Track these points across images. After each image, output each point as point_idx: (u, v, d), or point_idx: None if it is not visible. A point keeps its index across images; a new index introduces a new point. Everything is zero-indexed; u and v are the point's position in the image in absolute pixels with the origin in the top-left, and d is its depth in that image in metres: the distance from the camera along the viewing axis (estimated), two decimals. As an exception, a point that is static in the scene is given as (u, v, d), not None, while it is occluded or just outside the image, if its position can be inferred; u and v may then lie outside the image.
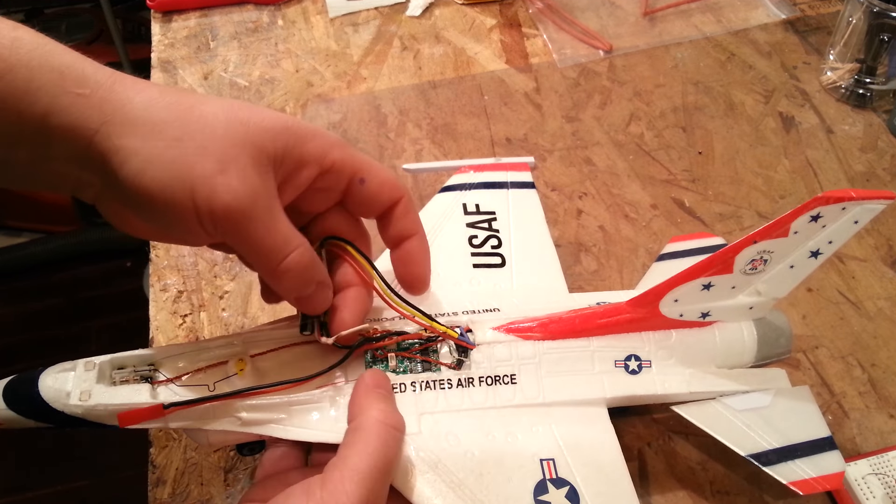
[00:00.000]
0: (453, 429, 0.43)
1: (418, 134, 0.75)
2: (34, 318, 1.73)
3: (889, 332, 0.59)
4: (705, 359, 0.48)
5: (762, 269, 0.45)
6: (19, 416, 0.40)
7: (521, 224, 0.56)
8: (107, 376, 0.41)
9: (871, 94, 0.75)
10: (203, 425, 0.41)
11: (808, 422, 0.48)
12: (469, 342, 0.45)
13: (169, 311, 0.63)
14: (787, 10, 0.85)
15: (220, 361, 0.42)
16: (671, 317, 0.47)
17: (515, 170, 0.59)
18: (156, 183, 0.36)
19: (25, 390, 0.40)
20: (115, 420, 0.40)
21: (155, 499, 0.53)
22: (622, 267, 0.64)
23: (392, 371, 0.44)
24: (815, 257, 0.45)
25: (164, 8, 0.88)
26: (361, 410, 0.39)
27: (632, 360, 0.47)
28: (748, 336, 0.49)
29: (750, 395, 0.48)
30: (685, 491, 0.52)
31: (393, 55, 0.83)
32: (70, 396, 0.40)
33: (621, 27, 0.85)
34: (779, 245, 0.44)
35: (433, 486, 0.40)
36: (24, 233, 1.80)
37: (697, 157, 0.72)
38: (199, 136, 0.36)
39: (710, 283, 0.45)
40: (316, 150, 0.40)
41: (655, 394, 0.47)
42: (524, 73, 0.81)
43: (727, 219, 0.67)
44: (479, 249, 0.54)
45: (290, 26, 0.87)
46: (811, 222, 0.42)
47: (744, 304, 0.47)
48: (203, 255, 0.67)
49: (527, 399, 0.45)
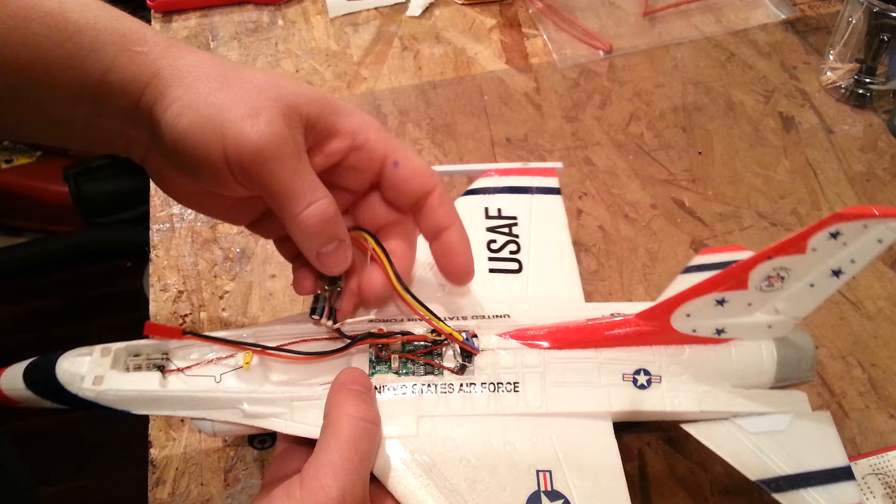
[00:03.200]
0: (451, 433, 0.43)
1: (418, 134, 0.75)
2: (34, 318, 1.73)
3: (889, 332, 0.59)
4: (720, 377, 0.46)
5: (780, 286, 0.43)
6: (37, 397, 0.43)
7: (543, 230, 0.55)
8: (121, 362, 0.43)
9: (871, 94, 0.75)
10: (208, 415, 0.43)
11: (826, 449, 0.45)
12: (473, 347, 0.44)
13: (169, 311, 0.63)
14: (787, 10, 0.85)
15: (228, 355, 0.43)
16: (683, 332, 0.45)
17: (542, 175, 0.58)
18: (190, 126, 0.37)
19: (44, 372, 0.42)
20: (125, 406, 0.42)
21: (155, 499, 0.53)
22: (622, 267, 0.64)
23: (395, 372, 0.44)
24: (838, 276, 0.42)
25: (164, 8, 0.88)
26: (332, 407, 0.40)
27: (641, 374, 0.45)
28: (767, 356, 0.46)
29: (766, 418, 0.46)
30: (685, 491, 0.52)
31: (393, 55, 0.83)
32: (84, 380, 0.42)
33: (621, 27, 0.85)
34: (796, 262, 0.42)
35: (425, 489, 0.40)
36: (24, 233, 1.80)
37: (697, 157, 0.72)
38: (237, 88, 0.38)
39: (724, 298, 0.43)
40: (350, 125, 0.41)
41: (664, 410, 0.45)
42: (524, 74, 0.81)
43: (727, 219, 0.67)
44: (496, 254, 0.53)
45: (290, 26, 0.87)
46: (830, 239, 0.40)
47: (761, 322, 0.45)
48: (203, 255, 0.67)
49: (529, 408, 0.44)
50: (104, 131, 0.41)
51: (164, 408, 0.43)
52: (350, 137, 0.42)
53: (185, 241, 0.68)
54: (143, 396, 0.42)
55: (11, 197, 1.71)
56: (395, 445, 0.42)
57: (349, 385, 0.41)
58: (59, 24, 0.37)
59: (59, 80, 0.38)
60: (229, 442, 0.55)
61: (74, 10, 0.38)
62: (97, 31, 0.38)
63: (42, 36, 0.37)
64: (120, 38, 0.38)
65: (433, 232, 0.45)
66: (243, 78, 0.39)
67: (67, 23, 0.37)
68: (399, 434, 0.42)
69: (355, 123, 0.42)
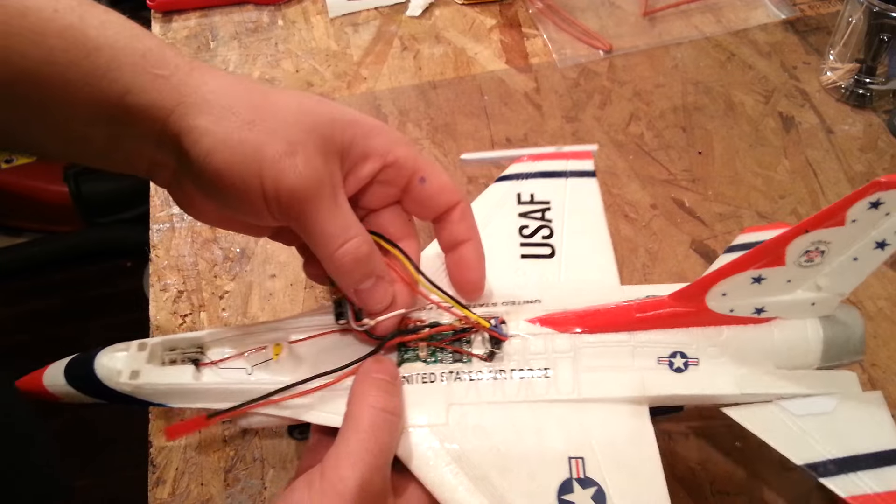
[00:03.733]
0: (481, 421, 0.42)
1: (418, 134, 0.75)
2: (34, 318, 1.73)
3: (889, 332, 0.59)
4: (762, 358, 0.44)
5: (819, 261, 0.41)
6: (78, 392, 0.44)
7: (577, 214, 0.53)
8: (158, 356, 0.44)
9: (871, 94, 0.75)
10: None
11: (877, 431, 0.43)
12: (502, 333, 0.43)
13: (169, 311, 0.63)
14: (787, 10, 0.85)
15: (259, 347, 0.44)
16: (721, 312, 0.44)
17: (577, 158, 0.56)
18: (226, 163, 0.37)
19: (83, 368, 0.44)
20: (161, 399, 0.43)
21: (155, 499, 0.53)
22: (622, 267, 0.64)
23: (423, 361, 0.43)
24: (882, 248, 0.40)
25: (164, 8, 0.88)
26: (354, 397, 0.40)
27: (677, 356, 0.44)
28: (812, 335, 0.44)
29: (812, 399, 0.43)
30: (685, 491, 0.52)
31: (393, 55, 0.83)
32: (121, 375, 0.43)
33: (621, 27, 0.85)
34: (836, 235, 0.39)
35: (455, 477, 0.40)
36: (24, 233, 1.80)
37: (697, 157, 0.72)
38: (270, 120, 0.37)
39: (761, 275, 0.41)
40: (381, 146, 0.41)
41: (702, 394, 0.43)
42: (524, 74, 0.81)
43: (727, 219, 0.67)
44: (528, 240, 0.52)
45: (290, 26, 0.87)
46: (871, 209, 0.37)
47: (804, 299, 0.43)
48: (203, 255, 0.67)
49: (560, 394, 0.43)
50: (125, 153, 0.40)
51: (198, 400, 0.43)
52: (381, 158, 0.42)
53: (185, 241, 0.68)
54: (177, 390, 0.43)
55: (11, 197, 1.71)
56: (425, 434, 0.41)
57: (373, 374, 0.41)
58: (77, 40, 0.36)
59: (76, 99, 0.37)
60: (228, 441, 0.56)
61: (93, 26, 0.37)
62: (115, 49, 0.37)
63: (60, 50, 0.36)
64: (139, 59, 0.37)
65: (451, 244, 0.45)
66: (274, 106, 0.38)
67: (87, 39, 0.36)
68: (428, 422, 0.42)
69: (385, 143, 0.42)
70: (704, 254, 0.65)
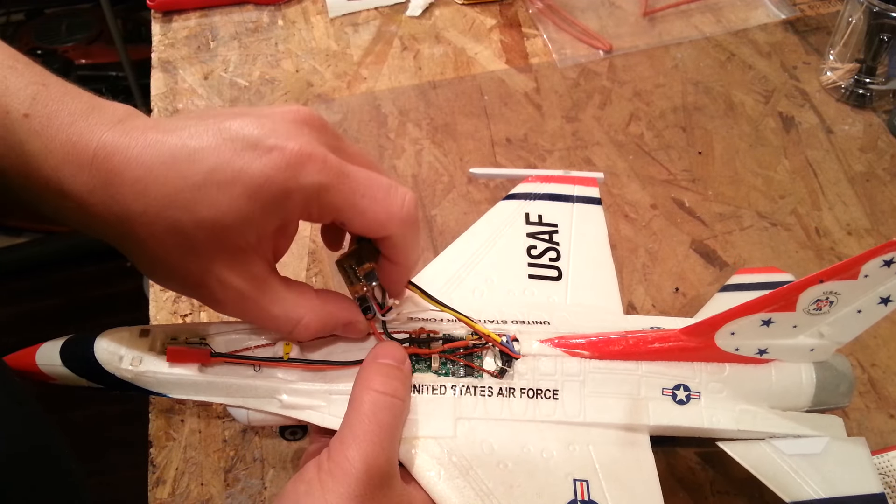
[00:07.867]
0: (489, 437, 0.42)
1: (418, 134, 0.75)
2: (34, 318, 1.73)
3: (889, 332, 0.59)
4: (759, 397, 0.46)
5: (827, 310, 0.43)
6: (73, 374, 0.42)
7: (583, 240, 0.54)
8: (159, 344, 0.43)
9: (871, 94, 0.75)
10: (245, 403, 0.43)
11: (860, 475, 0.45)
12: (514, 351, 0.44)
13: (169, 311, 0.63)
14: (787, 10, 0.85)
15: (268, 343, 0.43)
16: (726, 350, 0.45)
17: (583, 184, 0.58)
18: (166, 283, 0.41)
19: (82, 350, 0.42)
20: (162, 388, 0.42)
21: (155, 499, 0.53)
22: (622, 267, 0.64)
23: (434, 373, 0.44)
24: (886, 304, 0.42)
25: (164, 8, 0.88)
26: (357, 383, 0.40)
27: (680, 389, 0.45)
28: (806, 379, 0.46)
29: (801, 440, 0.45)
30: (685, 491, 0.52)
31: (393, 55, 0.83)
32: (122, 360, 0.42)
33: (621, 27, 0.85)
34: (847, 287, 0.41)
35: (461, 491, 0.40)
36: (24, 233, 1.80)
37: (697, 157, 0.72)
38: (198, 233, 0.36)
39: (771, 319, 0.43)
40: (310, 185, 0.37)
41: (702, 427, 0.45)
42: (524, 74, 0.81)
43: (727, 219, 0.67)
44: (536, 260, 0.53)
45: (290, 26, 0.87)
46: (883, 267, 0.40)
47: (805, 345, 0.45)
48: (203, 255, 0.67)
49: (567, 416, 0.43)
50: None
51: (201, 393, 0.43)
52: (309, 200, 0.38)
53: (185, 241, 0.68)
54: (181, 381, 0.42)
55: (11, 197, 1.71)
56: (432, 445, 0.41)
57: (380, 359, 0.41)
58: None
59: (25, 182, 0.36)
60: (228, 441, 0.56)
61: None
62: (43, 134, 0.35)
63: None
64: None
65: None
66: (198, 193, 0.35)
67: None
68: (436, 434, 0.42)
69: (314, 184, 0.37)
70: (704, 254, 0.65)
